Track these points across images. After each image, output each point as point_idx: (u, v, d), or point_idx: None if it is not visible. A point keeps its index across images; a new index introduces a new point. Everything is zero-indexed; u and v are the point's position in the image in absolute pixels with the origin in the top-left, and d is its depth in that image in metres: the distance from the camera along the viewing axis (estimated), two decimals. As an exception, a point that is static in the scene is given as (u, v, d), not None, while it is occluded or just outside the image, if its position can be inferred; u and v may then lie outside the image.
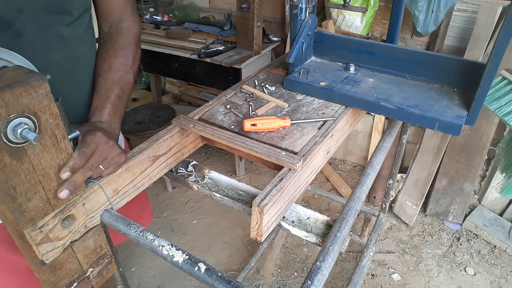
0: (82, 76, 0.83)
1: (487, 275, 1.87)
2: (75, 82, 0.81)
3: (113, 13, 0.86)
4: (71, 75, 0.79)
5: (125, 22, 0.87)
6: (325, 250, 0.62)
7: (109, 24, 0.87)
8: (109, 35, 0.86)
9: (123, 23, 0.87)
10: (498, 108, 1.53)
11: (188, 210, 2.30)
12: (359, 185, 0.80)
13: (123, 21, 0.87)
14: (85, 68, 0.83)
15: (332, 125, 0.83)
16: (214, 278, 0.56)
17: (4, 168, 0.50)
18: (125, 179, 0.72)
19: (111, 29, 0.86)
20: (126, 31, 0.86)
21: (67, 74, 0.78)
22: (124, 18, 0.87)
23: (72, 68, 0.79)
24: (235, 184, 0.83)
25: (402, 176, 2.24)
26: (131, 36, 0.87)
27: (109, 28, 0.87)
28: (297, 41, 0.99)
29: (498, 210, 2.14)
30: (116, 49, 0.83)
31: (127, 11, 0.88)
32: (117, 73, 0.81)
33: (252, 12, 2.00)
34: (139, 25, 0.91)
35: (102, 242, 0.70)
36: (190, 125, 0.81)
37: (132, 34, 0.87)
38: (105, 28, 0.87)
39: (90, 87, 0.85)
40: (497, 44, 0.74)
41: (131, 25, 0.88)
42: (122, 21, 0.87)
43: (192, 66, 2.26)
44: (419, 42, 2.28)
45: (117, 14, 0.87)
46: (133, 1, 0.91)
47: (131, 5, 0.89)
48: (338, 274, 1.89)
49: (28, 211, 0.55)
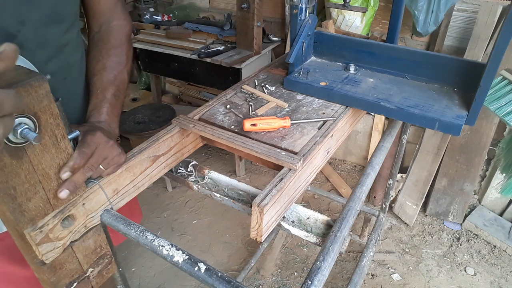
0: (76, 82, 0.83)
1: (487, 275, 1.87)
2: (70, 89, 0.81)
3: (104, 13, 0.86)
4: (67, 82, 0.79)
5: (116, 21, 0.86)
6: (325, 250, 0.62)
7: (99, 24, 0.86)
8: (100, 35, 0.85)
9: (113, 22, 0.86)
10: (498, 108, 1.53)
11: (188, 210, 2.30)
12: (359, 185, 0.80)
13: (114, 20, 0.86)
14: (79, 74, 0.83)
15: (332, 125, 0.83)
16: (214, 278, 0.56)
17: (4, 168, 0.50)
18: (125, 179, 0.72)
19: (102, 29, 0.86)
20: (117, 30, 0.86)
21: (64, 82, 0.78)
22: (114, 17, 0.87)
23: (68, 75, 0.79)
24: (235, 184, 0.83)
25: (402, 176, 2.24)
26: (123, 35, 0.86)
27: (99, 27, 0.86)
28: (297, 41, 0.99)
29: (498, 210, 2.14)
30: (109, 49, 0.83)
31: (117, 10, 0.87)
32: (112, 72, 0.80)
33: (252, 12, 2.00)
34: (130, 24, 0.91)
35: (102, 242, 0.70)
36: (190, 125, 0.81)
37: (124, 33, 0.87)
38: (95, 28, 0.86)
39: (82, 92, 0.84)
40: (497, 44, 0.74)
41: (122, 24, 0.87)
42: (113, 20, 0.86)
43: (192, 66, 2.26)
44: (419, 42, 2.28)
45: (107, 13, 0.86)
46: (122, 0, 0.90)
47: (121, 4, 0.89)
48: (338, 274, 1.89)
49: (28, 211, 0.55)
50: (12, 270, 0.81)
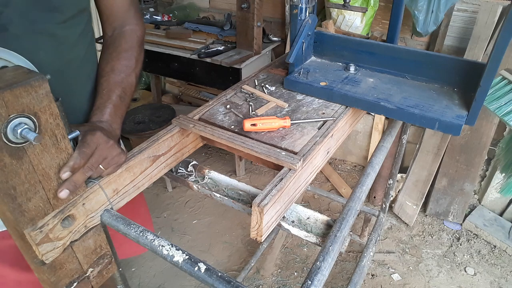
0: (76, 79, 0.82)
1: (487, 275, 1.87)
2: (68, 84, 0.80)
3: (117, 17, 0.86)
4: (63, 77, 0.78)
5: (129, 26, 0.87)
6: (325, 250, 0.62)
7: (112, 28, 0.87)
8: (112, 38, 0.86)
9: (126, 26, 0.87)
10: (498, 108, 1.53)
11: (188, 210, 2.30)
12: (359, 185, 0.80)
13: (127, 25, 0.87)
14: (80, 71, 0.82)
15: (332, 125, 0.83)
16: (214, 278, 0.56)
17: (4, 168, 0.50)
18: (125, 179, 0.72)
19: (115, 33, 0.86)
20: (129, 34, 0.86)
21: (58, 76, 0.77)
22: (127, 22, 0.87)
23: (66, 70, 0.78)
24: (235, 184, 0.83)
25: (402, 176, 2.24)
26: (134, 39, 0.87)
27: (112, 32, 0.87)
28: (297, 41, 0.99)
29: (498, 210, 2.14)
30: (119, 52, 0.83)
31: (130, 14, 0.88)
32: (119, 74, 0.81)
33: (252, 12, 2.00)
34: (143, 28, 0.91)
35: (102, 242, 0.70)
36: (190, 125, 0.81)
37: (136, 37, 0.87)
38: (108, 32, 0.87)
39: (88, 92, 0.84)
40: (497, 44, 0.74)
41: (134, 28, 0.88)
42: (126, 24, 0.87)
43: (192, 66, 2.26)
44: (419, 42, 2.28)
45: (120, 18, 0.87)
46: (136, 4, 0.90)
47: (134, 8, 0.89)
48: (338, 274, 1.89)
49: (28, 211, 0.55)
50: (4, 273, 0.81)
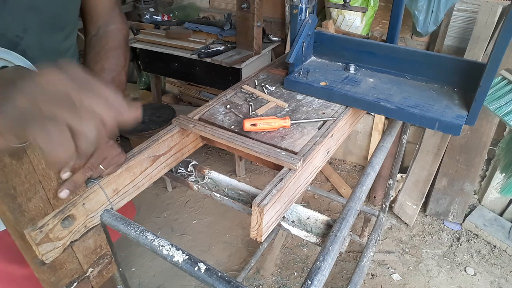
0: None
1: (487, 275, 1.87)
2: None
3: (101, 16, 0.86)
4: None
5: (114, 25, 0.87)
6: (325, 250, 0.62)
7: (97, 27, 0.87)
8: (97, 37, 0.86)
9: (111, 25, 0.87)
10: (498, 108, 1.53)
11: (188, 210, 2.31)
12: (359, 185, 0.80)
13: (112, 24, 0.87)
14: None
15: (332, 125, 0.83)
16: (214, 278, 0.56)
17: (4, 168, 0.50)
18: (125, 179, 0.72)
19: (99, 32, 0.86)
20: (115, 33, 0.87)
21: None
22: (112, 21, 0.87)
23: None
24: (235, 184, 0.83)
25: (402, 176, 2.24)
26: (121, 38, 0.87)
27: (97, 31, 0.87)
28: (297, 41, 0.99)
29: (498, 210, 2.14)
30: (107, 51, 0.83)
31: (115, 14, 0.88)
32: (110, 73, 0.81)
33: (252, 12, 2.00)
34: (127, 27, 0.92)
35: (102, 242, 0.70)
36: (190, 125, 0.81)
37: (122, 36, 0.88)
38: (92, 31, 0.87)
39: None
40: (497, 44, 0.74)
41: (120, 27, 0.88)
42: (111, 23, 0.87)
43: (192, 66, 2.26)
44: (419, 42, 2.28)
45: (105, 17, 0.87)
46: (120, 4, 0.92)
47: (118, 8, 0.90)
48: (338, 274, 1.89)
49: (28, 211, 0.55)
50: (12, 269, 0.81)
